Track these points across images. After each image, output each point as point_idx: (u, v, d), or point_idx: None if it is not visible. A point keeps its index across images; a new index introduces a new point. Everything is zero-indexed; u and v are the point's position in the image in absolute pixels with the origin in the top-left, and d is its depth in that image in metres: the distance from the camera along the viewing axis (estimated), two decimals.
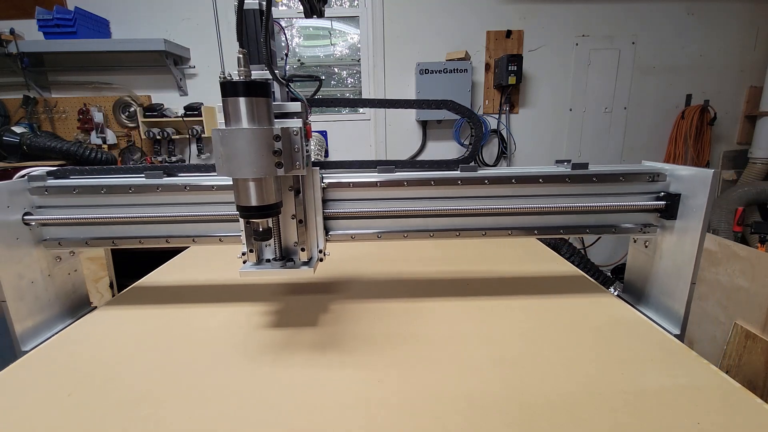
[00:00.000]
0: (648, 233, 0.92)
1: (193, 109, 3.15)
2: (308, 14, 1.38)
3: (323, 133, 3.46)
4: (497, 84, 3.32)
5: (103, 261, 2.35)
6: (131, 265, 1.21)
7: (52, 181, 0.89)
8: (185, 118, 3.14)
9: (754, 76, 3.43)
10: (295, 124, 0.73)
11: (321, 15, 1.40)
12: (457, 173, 0.90)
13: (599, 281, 1.07)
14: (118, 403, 0.65)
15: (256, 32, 0.74)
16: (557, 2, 3.26)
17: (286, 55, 0.82)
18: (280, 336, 0.84)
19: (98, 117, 3.16)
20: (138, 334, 0.88)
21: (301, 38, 3.51)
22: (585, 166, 0.89)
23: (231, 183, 0.84)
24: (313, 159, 0.88)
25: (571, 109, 3.49)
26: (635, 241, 1.00)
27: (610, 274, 3.66)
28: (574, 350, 0.75)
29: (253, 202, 0.69)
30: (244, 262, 0.82)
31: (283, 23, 3.43)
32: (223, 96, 0.64)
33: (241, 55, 0.66)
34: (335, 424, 0.58)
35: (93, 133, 3.17)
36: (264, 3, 0.70)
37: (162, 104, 3.17)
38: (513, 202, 0.89)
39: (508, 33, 3.29)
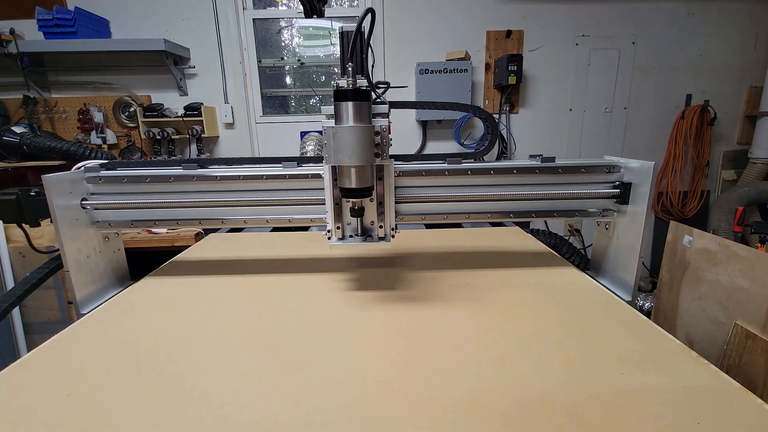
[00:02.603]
0: (607, 216, 1.07)
1: (193, 109, 3.15)
2: (308, 14, 1.38)
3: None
4: (497, 84, 3.32)
5: None
6: (132, 266, 1.23)
7: (104, 172, 1.04)
8: (185, 118, 3.14)
9: (754, 76, 3.43)
10: (384, 122, 0.87)
11: (321, 15, 1.40)
12: (444, 165, 1.03)
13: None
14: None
15: (355, 50, 0.87)
16: (557, 2, 3.27)
17: (372, 66, 0.91)
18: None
19: (98, 117, 3.16)
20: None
21: (301, 38, 3.51)
22: (552, 159, 1.04)
23: (255, 174, 1.02)
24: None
25: (571, 109, 3.49)
26: (598, 225, 1.14)
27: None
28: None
29: (354, 185, 0.85)
30: (329, 238, 0.99)
31: (283, 23, 3.43)
32: (335, 101, 0.80)
33: (350, 68, 0.79)
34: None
35: (93, 133, 3.17)
36: (365, 27, 0.86)
37: (162, 104, 3.17)
38: (492, 191, 1.04)
39: (508, 33, 3.30)
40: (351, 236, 1.00)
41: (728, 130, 3.58)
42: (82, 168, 1.03)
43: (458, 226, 1.62)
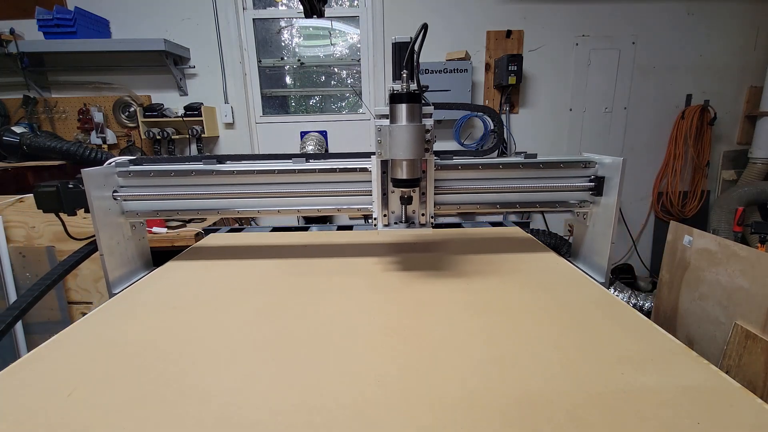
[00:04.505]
0: (584, 207, 1.17)
1: (193, 109, 3.15)
2: (308, 14, 1.38)
3: (323, 133, 3.46)
4: (497, 84, 3.32)
5: None
6: None
7: (133, 167, 1.15)
8: (185, 118, 3.14)
9: (754, 76, 3.43)
10: (430, 122, 0.99)
11: (321, 15, 1.41)
12: (437, 160, 1.12)
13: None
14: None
15: (403, 59, 0.96)
16: (557, 2, 3.27)
17: (418, 71, 1.03)
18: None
19: (98, 117, 3.16)
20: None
21: (301, 38, 3.51)
22: (534, 156, 1.15)
23: (268, 169, 1.13)
24: None
25: (571, 109, 3.49)
26: (577, 216, 1.24)
27: (610, 274, 3.66)
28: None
29: (405, 176, 0.96)
30: (375, 225, 1.10)
31: (283, 23, 3.43)
32: (391, 103, 0.91)
33: (404, 74, 0.89)
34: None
35: (93, 133, 3.17)
36: (418, 39, 0.94)
37: (162, 104, 3.17)
38: (481, 184, 1.15)
39: (508, 33, 3.29)
40: (396, 223, 1.12)
41: (728, 130, 3.58)
42: (114, 163, 1.15)
43: (458, 225, 1.62)
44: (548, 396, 0.63)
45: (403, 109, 0.90)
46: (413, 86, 0.91)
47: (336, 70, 3.58)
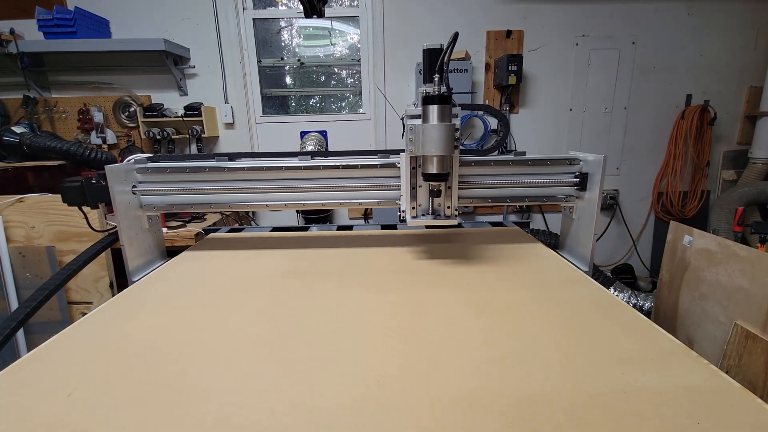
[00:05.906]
0: (569, 202, 1.26)
1: (193, 109, 3.15)
2: (308, 14, 1.38)
3: (323, 133, 3.46)
4: (497, 84, 3.32)
5: (103, 261, 2.35)
6: None
7: (151, 164, 1.24)
8: (185, 118, 3.14)
9: (754, 76, 3.43)
10: (457, 121, 1.07)
11: (321, 15, 1.41)
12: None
13: (599, 281, 1.11)
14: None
15: (434, 64, 1.01)
16: (557, 2, 3.27)
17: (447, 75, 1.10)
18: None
19: (98, 117, 3.16)
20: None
21: (301, 38, 3.51)
22: (523, 154, 1.23)
23: (275, 166, 1.22)
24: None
25: (571, 109, 3.49)
26: (564, 210, 1.33)
27: (610, 274, 3.66)
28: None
29: (436, 171, 1.05)
30: (403, 218, 1.19)
31: (283, 23, 3.43)
32: (423, 104, 1.00)
33: (436, 77, 0.96)
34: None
35: (93, 133, 3.17)
36: (449, 45, 0.98)
37: (162, 104, 3.17)
38: (473, 180, 1.23)
39: (508, 33, 3.29)
40: (423, 215, 1.19)
41: (728, 130, 3.58)
42: (132, 160, 1.24)
43: (459, 226, 1.62)
44: (548, 396, 0.63)
45: (435, 109, 0.98)
46: (443, 89, 0.98)
47: (336, 70, 3.58)
